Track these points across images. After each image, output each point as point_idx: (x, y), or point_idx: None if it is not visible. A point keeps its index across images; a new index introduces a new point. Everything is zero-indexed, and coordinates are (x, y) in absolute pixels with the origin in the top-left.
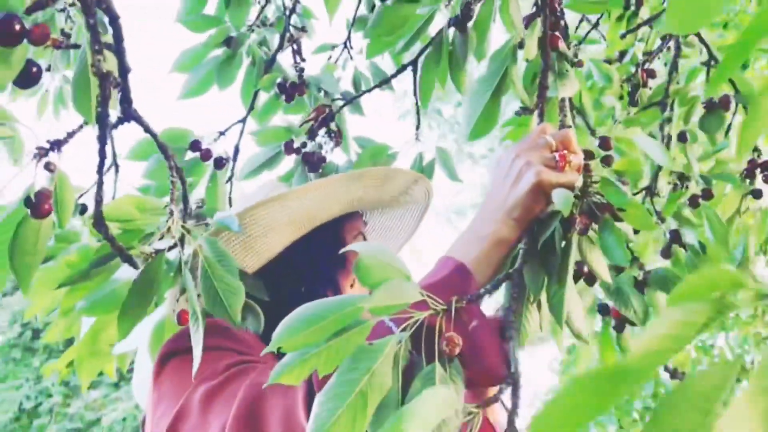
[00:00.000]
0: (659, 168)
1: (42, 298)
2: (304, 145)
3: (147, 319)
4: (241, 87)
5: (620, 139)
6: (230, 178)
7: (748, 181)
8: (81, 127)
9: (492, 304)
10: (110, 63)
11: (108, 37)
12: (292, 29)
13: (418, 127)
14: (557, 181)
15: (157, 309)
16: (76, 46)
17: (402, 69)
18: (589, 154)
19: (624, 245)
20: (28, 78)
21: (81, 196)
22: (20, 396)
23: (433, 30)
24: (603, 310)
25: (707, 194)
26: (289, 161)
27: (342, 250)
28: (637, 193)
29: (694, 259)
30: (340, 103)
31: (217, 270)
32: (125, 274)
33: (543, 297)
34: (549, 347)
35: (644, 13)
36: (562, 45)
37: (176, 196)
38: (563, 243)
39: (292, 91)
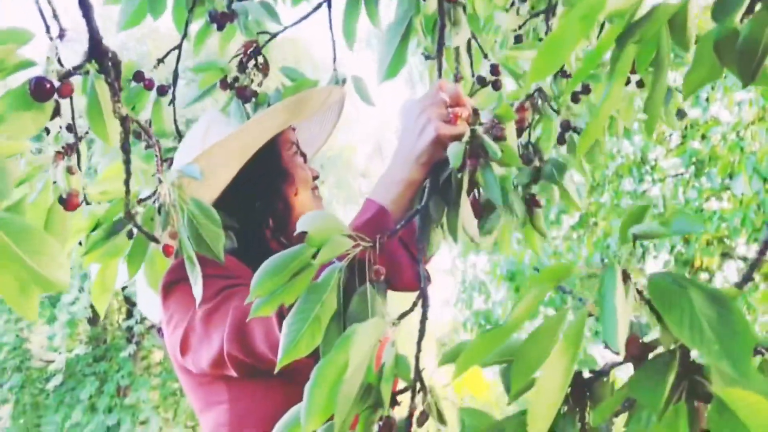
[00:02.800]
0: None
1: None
2: (236, 79)
3: None
4: (173, 14)
5: (509, 58)
6: (172, 101)
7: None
8: (86, 132)
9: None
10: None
11: None
12: None
13: (335, 60)
14: (451, 133)
15: None
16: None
17: (317, 7)
18: (475, 111)
19: (498, 184)
20: (43, 93)
21: None
22: None
23: None
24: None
25: (586, 90)
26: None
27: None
28: (531, 94)
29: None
30: (266, 36)
31: (202, 221)
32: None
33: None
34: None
35: None
36: None
37: (162, 166)
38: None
39: (222, 19)
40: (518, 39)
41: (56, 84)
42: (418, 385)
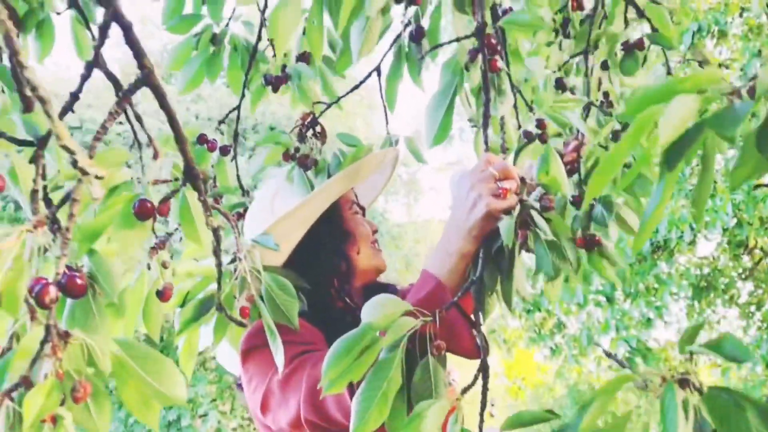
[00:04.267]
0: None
1: None
2: (297, 149)
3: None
4: (228, 75)
5: (555, 109)
6: (234, 158)
7: None
8: (180, 236)
9: None
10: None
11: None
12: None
13: (387, 123)
14: (501, 207)
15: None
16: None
17: (368, 76)
18: (522, 180)
19: (549, 255)
20: (146, 213)
21: None
22: None
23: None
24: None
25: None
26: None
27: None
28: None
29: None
30: (322, 107)
31: (278, 292)
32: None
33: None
34: None
35: None
36: (499, 65)
37: (240, 243)
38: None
39: (277, 82)
40: (559, 82)
41: (156, 204)
42: None
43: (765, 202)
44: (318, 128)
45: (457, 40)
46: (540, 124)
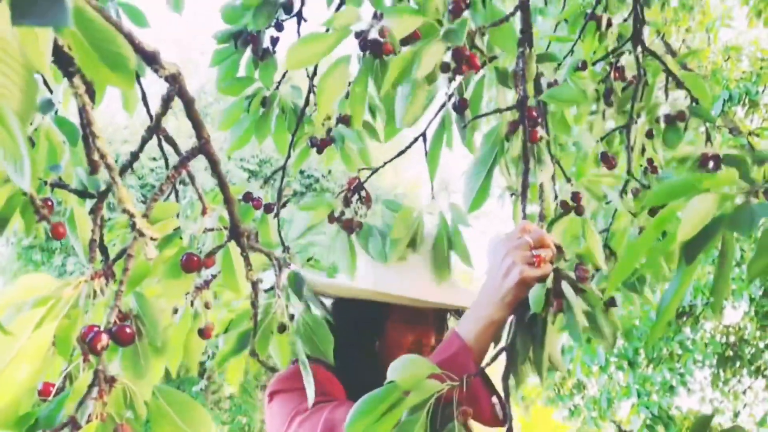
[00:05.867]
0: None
1: None
2: (342, 213)
3: None
4: (274, 136)
5: (591, 182)
6: (276, 215)
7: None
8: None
9: None
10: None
11: None
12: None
13: (432, 189)
14: (535, 276)
15: None
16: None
17: (414, 141)
18: (559, 248)
19: (580, 329)
20: (191, 266)
21: None
22: None
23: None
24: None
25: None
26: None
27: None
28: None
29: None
30: (367, 173)
31: (313, 327)
32: None
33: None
34: None
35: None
36: (539, 135)
37: (279, 279)
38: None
39: (322, 144)
40: (604, 156)
41: (202, 259)
42: None
43: None
44: (363, 193)
45: (499, 111)
46: (575, 197)
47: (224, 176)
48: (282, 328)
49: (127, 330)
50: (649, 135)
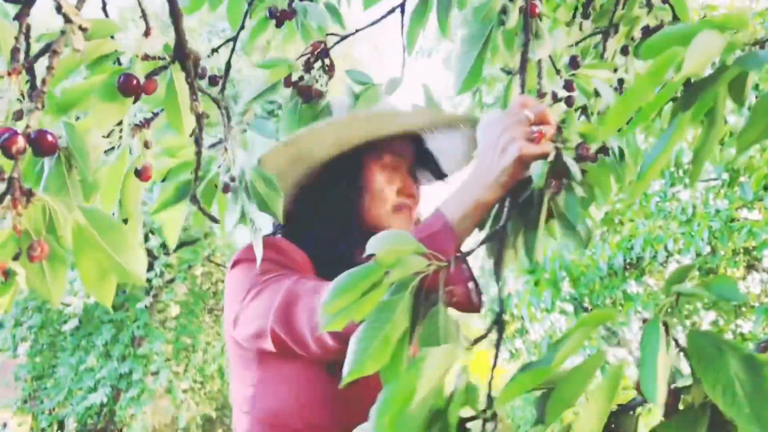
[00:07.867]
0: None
1: None
2: (301, 78)
3: None
4: (228, 6)
5: (581, 77)
6: (222, 91)
7: None
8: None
9: None
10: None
11: None
12: None
13: (403, 65)
14: (535, 153)
15: None
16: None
17: (391, 11)
18: (558, 128)
19: (579, 207)
20: (129, 89)
21: None
22: None
23: None
24: None
25: None
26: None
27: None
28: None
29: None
30: (335, 39)
31: (262, 186)
32: None
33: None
34: None
35: None
36: (539, 10)
37: (228, 129)
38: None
39: (282, 16)
40: (573, 60)
41: (142, 81)
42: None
43: (740, 233)
44: (327, 60)
45: None
46: (568, 85)
47: None
48: (226, 189)
49: (49, 137)
50: (624, 51)
